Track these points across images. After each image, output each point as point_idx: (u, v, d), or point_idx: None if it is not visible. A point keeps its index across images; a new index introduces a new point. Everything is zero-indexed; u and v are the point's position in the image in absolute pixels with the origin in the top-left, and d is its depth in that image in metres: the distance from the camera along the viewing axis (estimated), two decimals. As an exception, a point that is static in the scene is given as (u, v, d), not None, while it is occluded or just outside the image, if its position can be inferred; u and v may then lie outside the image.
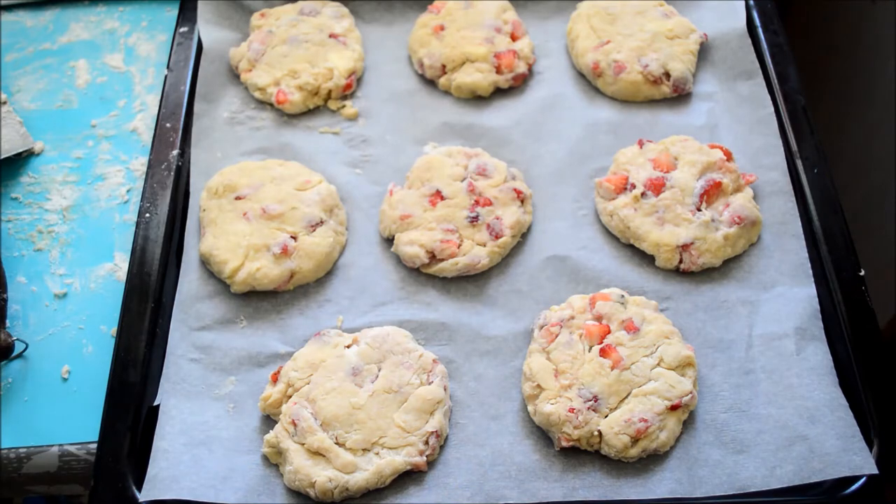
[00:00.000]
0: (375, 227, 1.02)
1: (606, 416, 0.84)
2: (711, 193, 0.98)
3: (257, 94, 1.12)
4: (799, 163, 1.03)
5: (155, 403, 0.88)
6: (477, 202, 0.99)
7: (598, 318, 0.90)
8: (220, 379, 0.90)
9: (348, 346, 0.90)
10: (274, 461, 0.85)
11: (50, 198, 1.09)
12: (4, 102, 1.15)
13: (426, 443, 0.84)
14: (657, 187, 0.99)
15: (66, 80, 1.21)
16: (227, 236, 0.97)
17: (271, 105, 1.12)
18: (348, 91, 1.13)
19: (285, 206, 0.98)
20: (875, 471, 0.80)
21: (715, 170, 1.00)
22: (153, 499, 0.81)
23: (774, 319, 0.92)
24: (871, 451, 0.82)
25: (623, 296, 0.92)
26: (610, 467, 0.84)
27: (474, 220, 0.98)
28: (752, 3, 1.17)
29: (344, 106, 1.12)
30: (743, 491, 0.81)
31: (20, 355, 0.95)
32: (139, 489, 0.82)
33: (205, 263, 0.98)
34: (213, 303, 0.96)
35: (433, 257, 0.96)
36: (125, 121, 1.16)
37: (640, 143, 1.04)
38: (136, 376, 0.88)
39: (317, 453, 0.83)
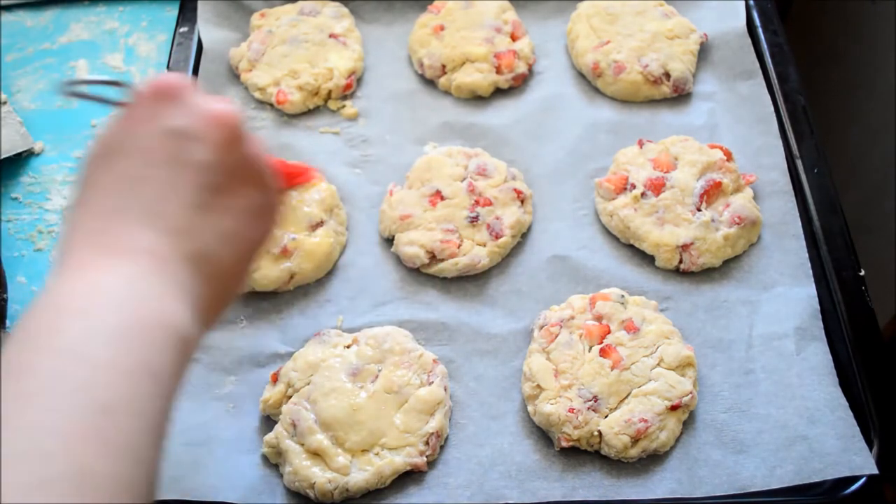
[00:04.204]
0: (375, 227, 1.02)
1: (606, 417, 0.84)
2: (711, 193, 0.98)
3: (257, 94, 1.13)
4: (799, 163, 1.03)
5: (155, 403, 0.88)
6: (477, 202, 0.99)
7: (598, 318, 0.90)
8: (220, 379, 0.91)
9: (348, 347, 0.90)
10: (274, 461, 0.85)
11: (50, 198, 1.09)
12: (4, 102, 1.15)
13: (426, 443, 0.84)
14: (657, 187, 0.99)
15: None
16: (227, 236, 0.97)
17: (271, 105, 1.12)
18: (348, 91, 1.13)
19: (285, 206, 0.98)
20: (875, 471, 0.80)
21: (715, 170, 1.00)
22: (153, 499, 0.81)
23: (774, 319, 0.92)
24: (871, 451, 0.82)
25: (623, 296, 0.92)
26: (610, 467, 0.84)
27: (474, 220, 0.98)
28: (752, 3, 1.17)
29: (344, 106, 1.12)
30: (743, 491, 0.81)
31: (20, 355, 0.95)
32: (139, 489, 0.82)
33: (205, 263, 0.98)
34: (213, 303, 0.95)
35: (433, 257, 0.96)
36: (125, 121, 1.16)
37: (640, 143, 1.04)
38: (136, 376, 0.88)
39: (316, 454, 0.83)
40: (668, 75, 1.11)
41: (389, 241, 1.00)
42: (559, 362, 0.87)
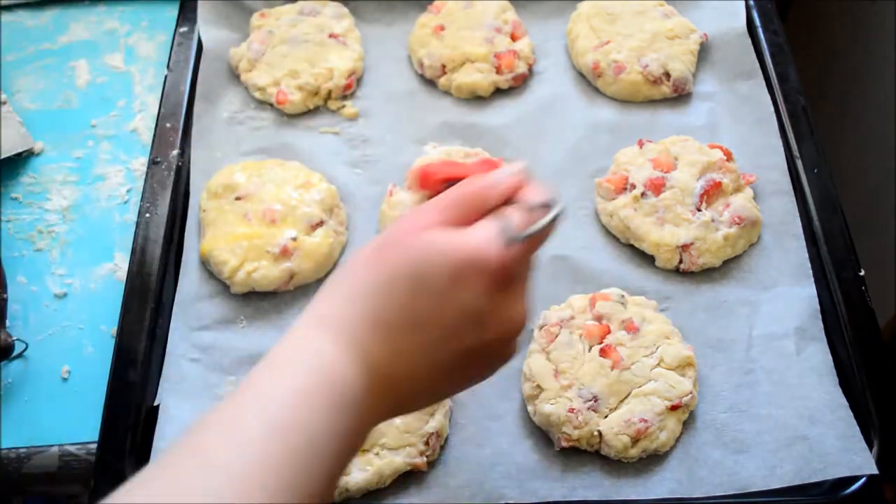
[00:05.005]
0: (375, 227, 1.02)
1: (606, 417, 0.84)
2: (711, 193, 0.98)
3: (257, 94, 1.12)
4: (799, 163, 1.03)
5: (155, 403, 0.88)
6: (477, 202, 0.99)
7: (598, 318, 0.90)
8: (220, 379, 0.90)
9: (348, 347, 0.89)
10: (274, 461, 0.85)
11: (50, 198, 1.09)
12: (4, 102, 1.15)
13: (426, 443, 0.84)
14: (657, 187, 0.99)
15: (66, 80, 1.20)
16: (227, 237, 0.97)
17: (271, 105, 1.12)
18: (348, 91, 1.13)
19: (285, 206, 0.98)
20: (875, 471, 0.80)
21: (715, 170, 1.00)
22: (153, 499, 0.81)
23: (774, 319, 0.92)
24: (871, 451, 0.82)
25: (623, 296, 0.92)
26: (610, 467, 0.84)
27: (474, 220, 0.98)
28: (752, 3, 1.17)
29: (344, 106, 1.12)
30: (743, 491, 0.81)
31: (20, 355, 0.95)
32: (139, 489, 0.82)
33: (204, 263, 0.98)
34: (213, 303, 0.96)
35: (433, 257, 0.96)
36: (125, 121, 1.16)
37: (640, 143, 1.04)
38: (136, 376, 0.88)
39: (317, 453, 0.83)
40: (668, 75, 1.11)
41: (389, 241, 1.00)
42: (559, 362, 0.87)
